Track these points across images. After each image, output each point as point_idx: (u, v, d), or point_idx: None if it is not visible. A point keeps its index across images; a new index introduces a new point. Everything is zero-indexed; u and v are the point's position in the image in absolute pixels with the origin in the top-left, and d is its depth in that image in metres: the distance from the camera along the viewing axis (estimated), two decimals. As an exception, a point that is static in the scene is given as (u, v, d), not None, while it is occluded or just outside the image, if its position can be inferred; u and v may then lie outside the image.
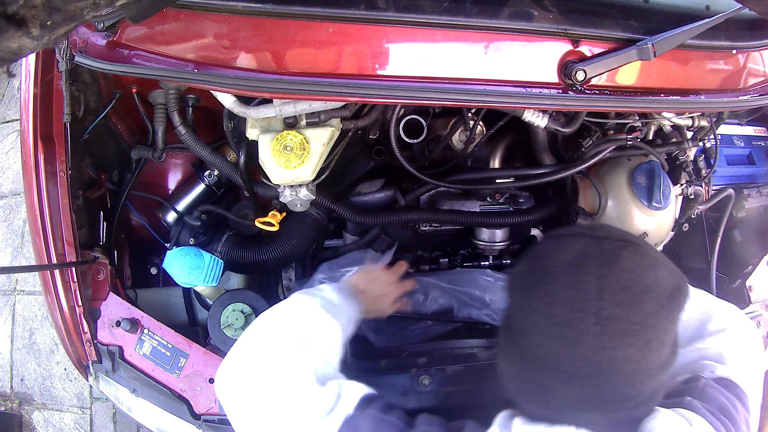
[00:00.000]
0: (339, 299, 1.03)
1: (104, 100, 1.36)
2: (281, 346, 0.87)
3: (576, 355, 0.66)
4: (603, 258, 0.68)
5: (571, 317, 0.66)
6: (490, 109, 1.35)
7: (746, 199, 1.66)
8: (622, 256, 0.68)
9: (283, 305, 0.98)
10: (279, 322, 0.93)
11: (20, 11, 0.44)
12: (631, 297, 0.66)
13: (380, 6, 0.97)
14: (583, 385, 0.67)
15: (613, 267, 0.67)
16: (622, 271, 0.67)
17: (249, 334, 0.92)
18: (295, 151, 1.11)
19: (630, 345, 0.65)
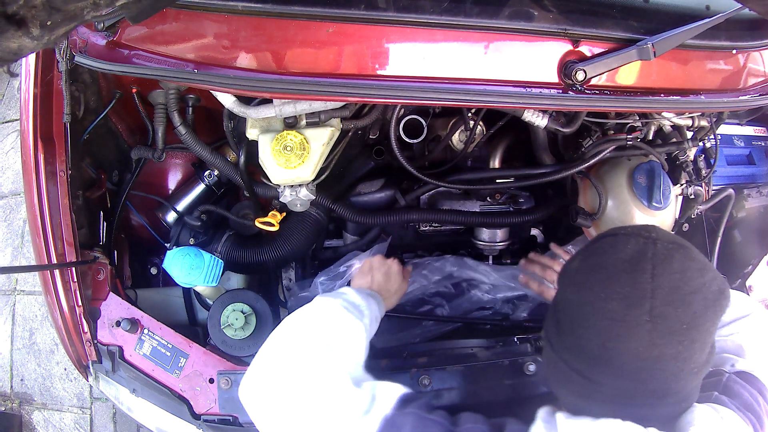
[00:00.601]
0: (361, 300, 1.04)
1: (104, 100, 1.36)
2: (312, 351, 0.86)
3: (627, 351, 0.69)
4: (657, 259, 0.71)
5: (625, 314, 0.69)
6: (490, 109, 1.35)
7: (746, 199, 1.66)
8: (675, 258, 0.71)
9: (307, 309, 0.98)
10: (306, 326, 0.93)
11: (20, 11, 0.44)
12: (681, 298, 0.69)
13: (380, 6, 0.97)
14: (632, 379, 0.70)
15: (666, 268, 0.70)
16: (674, 272, 0.70)
17: (276, 339, 0.91)
18: (295, 151, 1.11)
19: (678, 343, 0.68)
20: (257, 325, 1.27)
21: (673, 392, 0.72)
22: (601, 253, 0.76)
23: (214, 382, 1.19)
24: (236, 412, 1.17)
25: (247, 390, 0.86)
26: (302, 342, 0.88)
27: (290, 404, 0.80)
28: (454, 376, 1.23)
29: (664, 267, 0.70)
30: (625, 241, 0.74)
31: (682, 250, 0.73)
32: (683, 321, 0.69)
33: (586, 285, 0.74)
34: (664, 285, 0.69)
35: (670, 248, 0.72)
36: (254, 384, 0.85)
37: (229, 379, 1.18)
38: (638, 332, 0.68)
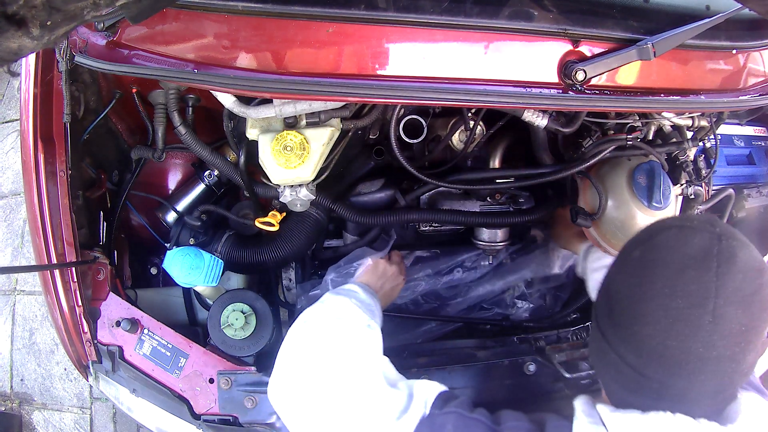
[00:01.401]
0: (369, 298, 1.06)
1: (104, 100, 1.36)
2: (341, 351, 0.86)
3: (687, 350, 0.67)
4: (722, 256, 0.68)
5: (688, 312, 0.67)
6: (490, 109, 1.35)
7: (746, 199, 1.66)
8: (738, 256, 0.69)
9: (323, 308, 0.98)
10: (327, 326, 0.93)
11: (20, 11, 0.44)
12: (743, 298, 0.68)
13: (380, 6, 0.97)
14: (688, 379, 0.69)
15: (732, 267, 0.68)
16: (738, 271, 0.68)
17: (298, 339, 0.90)
18: (295, 151, 1.11)
19: (735, 345, 0.68)
20: (257, 325, 1.27)
21: (725, 390, 0.72)
22: (667, 247, 0.72)
23: (214, 382, 1.19)
24: (236, 412, 1.17)
25: (277, 393, 0.85)
26: (328, 342, 0.88)
27: (326, 406, 0.79)
28: (455, 377, 1.23)
29: (728, 266, 0.68)
30: (691, 234, 0.71)
31: (745, 248, 0.71)
32: (742, 323, 0.68)
33: (650, 279, 0.71)
34: (728, 285, 0.67)
35: (734, 246, 0.70)
36: (285, 387, 0.85)
37: (229, 379, 1.18)
38: (699, 332, 0.67)
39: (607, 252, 1.35)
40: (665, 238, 0.73)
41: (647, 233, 0.77)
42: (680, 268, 0.70)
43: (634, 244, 0.77)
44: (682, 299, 0.68)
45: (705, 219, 0.74)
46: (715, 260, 0.68)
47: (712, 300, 0.67)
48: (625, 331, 0.73)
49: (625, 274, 0.76)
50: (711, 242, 0.70)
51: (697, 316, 0.67)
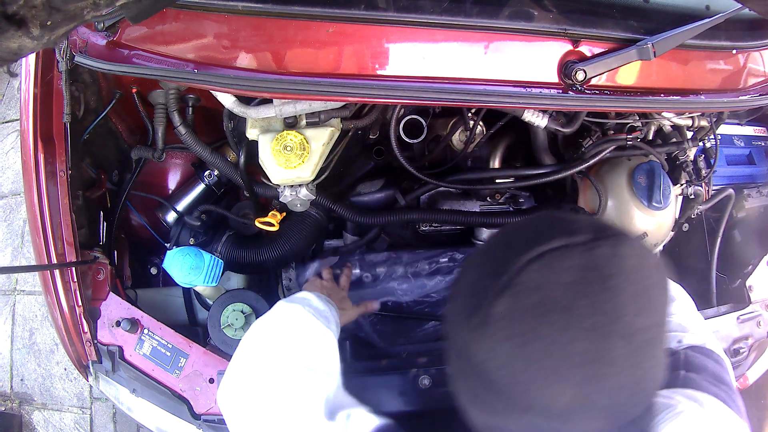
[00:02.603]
0: (323, 305, 1.02)
1: (104, 100, 1.36)
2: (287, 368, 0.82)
3: (611, 388, 0.55)
4: (606, 266, 0.56)
5: (597, 350, 0.54)
6: (490, 109, 1.35)
7: (746, 199, 1.67)
8: (623, 256, 0.57)
9: (273, 317, 0.95)
10: (276, 337, 0.90)
11: (20, 11, 0.44)
12: (647, 298, 0.57)
13: (380, 6, 0.97)
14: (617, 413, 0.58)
15: (621, 272, 0.56)
16: (629, 272, 0.56)
17: (245, 351, 0.88)
18: (295, 151, 1.11)
19: (657, 349, 0.59)
20: (257, 325, 1.27)
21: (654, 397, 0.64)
22: (538, 287, 0.55)
23: (214, 382, 1.19)
24: (236, 412, 1.17)
25: (222, 401, 0.84)
26: (274, 356, 0.85)
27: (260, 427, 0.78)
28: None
29: (620, 273, 0.56)
30: (559, 260, 0.56)
31: (625, 241, 0.58)
32: (657, 323, 0.58)
33: (533, 335, 0.54)
34: (627, 291, 0.55)
35: (614, 245, 0.57)
36: (228, 397, 0.83)
37: (229, 379, 1.18)
38: (618, 362, 0.54)
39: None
40: (530, 278, 0.56)
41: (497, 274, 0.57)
42: (566, 306, 0.54)
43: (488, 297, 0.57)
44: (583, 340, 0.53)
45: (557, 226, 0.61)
46: (598, 274, 0.55)
47: (618, 321, 0.54)
48: (515, 411, 0.58)
49: (494, 340, 0.57)
50: (584, 257, 0.56)
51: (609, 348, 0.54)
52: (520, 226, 0.68)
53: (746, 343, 1.43)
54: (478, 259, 0.66)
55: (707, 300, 1.60)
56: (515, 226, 0.68)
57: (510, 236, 0.66)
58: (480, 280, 0.61)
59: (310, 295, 1.04)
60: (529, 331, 0.55)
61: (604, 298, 0.54)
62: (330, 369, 0.86)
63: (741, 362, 1.44)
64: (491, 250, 0.66)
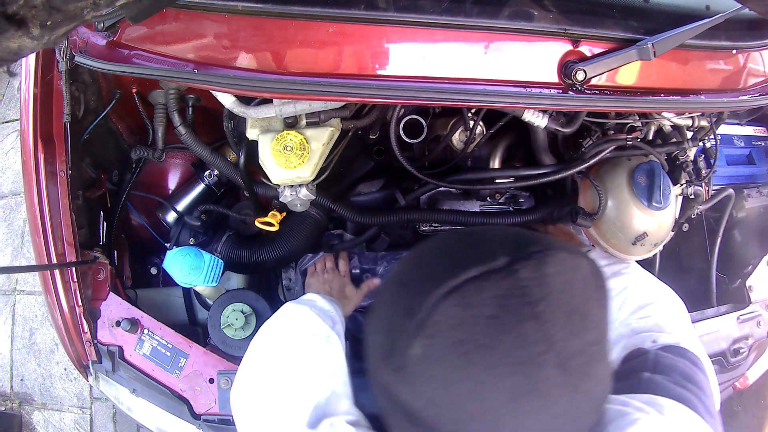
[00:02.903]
0: (328, 304, 1.04)
1: (104, 100, 1.36)
2: (282, 374, 0.83)
3: (550, 418, 0.52)
4: (530, 291, 0.50)
5: (529, 383, 0.50)
6: (490, 109, 1.35)
7: (746, 199, 1.67)
8: (548, 275, 0.52)
9: (279, 320, 0.97)
10: (280, 341, 0.91)
11: (20, 11, 0.44)
12: (580, 317, 0.52)
13: (380, 6, 0.97)
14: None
15: (548, 295, 0.51)
16: (557, 293, 0.51)
17: (252, 354, 0.90)
18: (295, 151, 1.11)
19: (596, 368, 0.54)
20: (257, 325, 1.27)
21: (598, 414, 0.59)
22: (453, 324, 0.51)
23: (214, 382, 1.19)
24: (236, 412, 1.17)
25: (232, 403, 0.87)
26: (275, 361, 0.86)
27: None
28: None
29: (546, 296, 0.51)
30: (474, 291, 0.51)
31: (548, 252, 0.53)
32: (592, 341, 0.53)
33: (457, 376, 0.50)
34: (556, 317, 0.50)
35: (535, 263, 0.52)
36: (234, 401, 0.86)
37: (229, 379, 1.18)
38: (555, 392, 0.50)
39: (606, 252, 1.35)
40: (446, 316, 0.51)
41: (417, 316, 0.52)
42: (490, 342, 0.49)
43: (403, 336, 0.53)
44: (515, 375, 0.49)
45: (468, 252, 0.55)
46: (522, 301, 0.50)
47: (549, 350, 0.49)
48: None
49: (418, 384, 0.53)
50: (503, 283, 0.51)
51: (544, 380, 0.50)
52: (431, 250, 0.60)
53: (746, 343, 1.44)
54: (390, 291, 0.60)
55: (707, 300, 1.60)
56: (427, 250, 0.61)
57: (421, 266, 0.59)
58: (393, 318, 0.55)
59: (316, 297, 1.06)
60: (452, 373, 0.50)
61: (530, 328, 0.49)
62: (331, 372, 0.86)
63: (741, 362, 1.44)
64: (403, 281, 0.59)
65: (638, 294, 1.00)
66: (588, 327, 0.53)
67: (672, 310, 0.97)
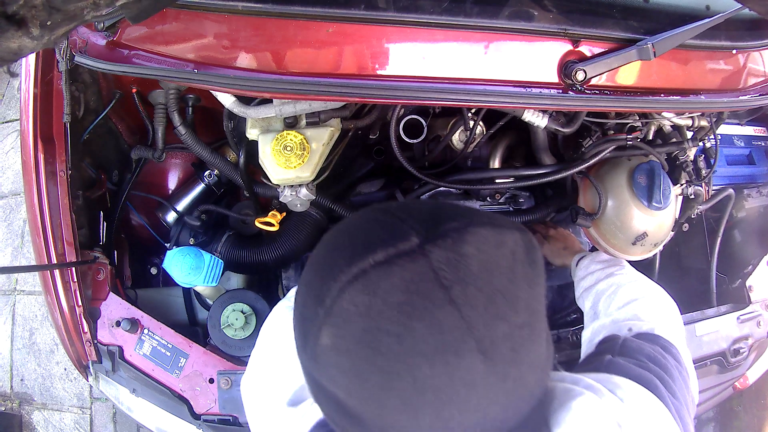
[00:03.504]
0: None
1: (104, 100, 1.36)
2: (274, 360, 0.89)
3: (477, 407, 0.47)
4: (444, 275, 0.46)
5: (448, 373, 0.45)
6: (490, 109, 1.35)
7: (746, 199, 1.67)
8: (464, 256, 0.47)
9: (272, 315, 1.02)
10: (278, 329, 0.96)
11: (20, 11, 0.44)
12: (505, 300, 0.48)
13: (380, 6, 0.97)
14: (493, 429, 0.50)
15: (465, 278, 0.46)
16: (476, 275, 0.47)
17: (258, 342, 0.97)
18: (295, 151, 1.11)
19: (527, 352, 0.50)
20: (257, 325, 1.27)
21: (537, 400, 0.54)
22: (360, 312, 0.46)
23: (214, 382, 1.19)
24: (236, 412, 1.17)
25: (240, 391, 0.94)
26: (267, 349, 0.93)
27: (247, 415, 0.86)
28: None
29: (463, 278, 0.46)
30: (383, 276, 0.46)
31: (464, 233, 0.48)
32: (520, 324, 0.48)
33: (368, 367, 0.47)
34: (476, 302, 0.46)
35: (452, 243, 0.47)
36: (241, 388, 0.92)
37: (229, 379, 1.18)
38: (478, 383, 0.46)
39: (606, 252, 1.35)
40: (352, 303, 0.47)
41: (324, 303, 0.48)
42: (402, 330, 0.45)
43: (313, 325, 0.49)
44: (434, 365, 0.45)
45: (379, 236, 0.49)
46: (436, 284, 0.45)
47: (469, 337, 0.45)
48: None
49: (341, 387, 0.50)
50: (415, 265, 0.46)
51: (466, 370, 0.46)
52: (343, 231, 0.55)
53: (746, 343, 1.43)
54: (305, 274, 0.55)
55: (707, 300, 1.60)
56: (340, 231, 0.56)
57: (332, 248, 0.54)
58: (305, 305, 0.52)
59: None
60: (362, 364, 0.47)
61: (445, 315, 0.45)
62: None
63: (741, 362, 1.44)
64: (315, 265, 0.54)
65: (627, 291, 1.00)
66: (515, 309, 0.48)
67: (657, 304, 0.96)
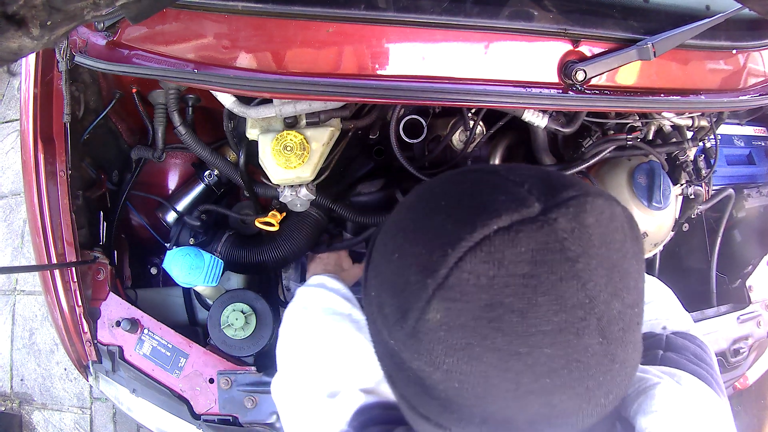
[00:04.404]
0: (337, 283, 1.06)
1: (104, 100, 1.36)
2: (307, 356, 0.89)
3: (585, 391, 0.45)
4: (570, 245, 0.42)
5: (567, 354, 0.43)
6: (490, 109, 1.35)
7: (746, 199, 1.67)
8: (588, 226, 0.44)
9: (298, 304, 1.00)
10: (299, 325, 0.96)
11: (20, 11, 0.44)
12: (620, 276, 0.45)
13: (380, 6, 0.97)
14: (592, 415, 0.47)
15: (589, 249, 0.43)
16: (598, 246, 0.44)
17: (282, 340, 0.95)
18: (295, 151, 1.12)
19: (633, 334, 0.47)
20: (257, 325, 1.27)
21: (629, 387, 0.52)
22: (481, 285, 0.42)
23: (214, 382, 1.19)
24: (236, 412, 1.17)
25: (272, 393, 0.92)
26: (296, 350, 0.92)
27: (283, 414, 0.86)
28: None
29: (586, 248, 0.43)
30: (507, 244, 0.42)
31: (585, 201, 0.45)
32: (631, 303, 0.46)
33: (484, 347, 0.42)
34: (597, 273, 0.43)
35: (575, 212, 0.44)
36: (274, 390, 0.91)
37: (229, 379, 1.18)
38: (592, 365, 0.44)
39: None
40: (468, 272, 0.42)
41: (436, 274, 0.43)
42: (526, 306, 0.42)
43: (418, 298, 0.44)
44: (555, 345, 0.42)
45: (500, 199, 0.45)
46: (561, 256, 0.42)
47: (591, 314, 0.42)
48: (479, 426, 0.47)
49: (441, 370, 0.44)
50: (538, 234, 0.42)
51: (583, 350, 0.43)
52: (446, 193, 0.50)
53: (746, 343, 1.44)
54: (396, 240, 0.49)
55: (707, 300, 1.60)
56: (440, 192, 0.50)
57: (436, 211, 0.48)
58: (405, 274, 0.46)
59: (321, 278, 1.08)
60: (478, 344, 0.42)
61: (571, 289, 0.42)
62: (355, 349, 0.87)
63: (741, 362, 1.44)
64: (415, 229, 0.48)
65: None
66: (627, 287, 0.45)
67: (676, 305, 0.99)
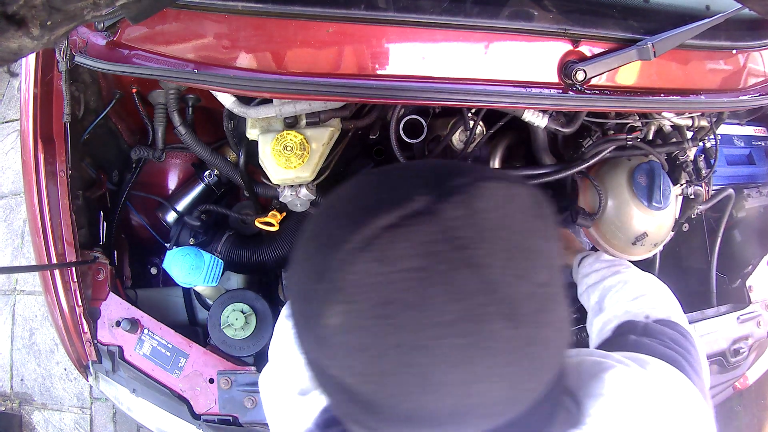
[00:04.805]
0: None
1: (104, 100, 1.37)
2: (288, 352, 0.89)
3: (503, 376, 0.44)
4: (459, 235, 0.42)
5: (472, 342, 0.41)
6: (490, 109, 1.35)
7: (746, 199, 1.67)
8: (480, 211, 0.43)
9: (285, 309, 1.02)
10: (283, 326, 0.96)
11: (20, 11, 0.44)
12: (523, 257, 0.44)
13: (380, 6, 0.97)
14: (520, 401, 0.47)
15: (482, 236, 0.43)
16: (493, 231, 0.43)
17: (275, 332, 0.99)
18: (295, 151, 1.12)
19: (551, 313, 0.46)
20: (257, 325, 1.27)
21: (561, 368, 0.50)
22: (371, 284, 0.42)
23: (214, 382, 1.19)
24: (236, 412, 1.17)
25: None
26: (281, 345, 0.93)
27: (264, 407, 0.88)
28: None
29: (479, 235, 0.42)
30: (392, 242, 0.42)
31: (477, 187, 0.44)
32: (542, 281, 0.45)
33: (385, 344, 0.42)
34: (495, 258, 0.42)
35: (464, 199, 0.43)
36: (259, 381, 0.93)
37: (229, 379, 1.18)
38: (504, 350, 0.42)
39: (606, 252, 1.35)
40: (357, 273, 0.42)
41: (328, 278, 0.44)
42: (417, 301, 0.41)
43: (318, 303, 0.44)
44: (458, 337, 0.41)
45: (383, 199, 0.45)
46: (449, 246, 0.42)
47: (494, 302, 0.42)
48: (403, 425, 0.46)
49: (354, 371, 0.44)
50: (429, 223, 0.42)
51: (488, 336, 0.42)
52: (341, 198, 0.50)
53: (746, 343, 1.44)
54: (301, 249, 0.49)
55: (707, 300, 1.60)
56: (337, 198, 0.50)
57: (331, 217, 0.49)
58: (306, 281, 0.47)
59: None
60: (378, 341, 0.42)
61: (466, 278, 0.41)
62: None
63: (741, 362, 1.44)
64: (312, 237, 0.49)
65: (635, 287, 1.00)
66: (536, 266, 0.45)
67: (667, 298, 0.98)
